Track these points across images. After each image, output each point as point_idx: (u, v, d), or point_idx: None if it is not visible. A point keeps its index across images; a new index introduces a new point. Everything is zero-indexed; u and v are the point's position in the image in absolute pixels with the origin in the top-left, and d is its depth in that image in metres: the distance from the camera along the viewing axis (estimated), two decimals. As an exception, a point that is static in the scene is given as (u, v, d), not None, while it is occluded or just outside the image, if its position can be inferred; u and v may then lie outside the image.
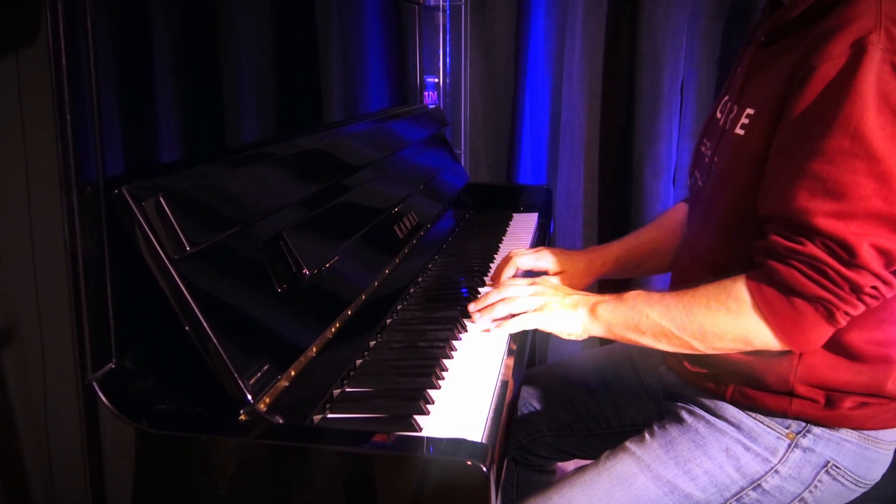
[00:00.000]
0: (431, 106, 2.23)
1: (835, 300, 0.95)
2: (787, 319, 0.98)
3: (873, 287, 0.95)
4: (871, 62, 0.91)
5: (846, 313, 0.96)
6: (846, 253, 0.93)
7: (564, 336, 1.12)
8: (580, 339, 1.12)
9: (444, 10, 2.41)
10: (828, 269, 0.94)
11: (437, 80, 2.43)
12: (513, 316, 1.14)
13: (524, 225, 1.89)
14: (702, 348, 1.04)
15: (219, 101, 1.12)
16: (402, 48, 2.02)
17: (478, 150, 2.55)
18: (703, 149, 1.21)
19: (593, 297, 1.12)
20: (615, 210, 2.48)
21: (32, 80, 0.77)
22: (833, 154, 0.92)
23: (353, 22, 1.64)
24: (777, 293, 0.97)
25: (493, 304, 1.16)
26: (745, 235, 1.04)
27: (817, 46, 0.96)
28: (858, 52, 0.92)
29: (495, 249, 1.65)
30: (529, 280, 1.19)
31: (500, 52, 2.46)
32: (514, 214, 1.99)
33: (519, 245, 1.70)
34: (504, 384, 1.01)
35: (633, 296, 1.08)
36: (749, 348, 1.02)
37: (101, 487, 0.86)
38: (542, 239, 1.79)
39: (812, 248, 0.94)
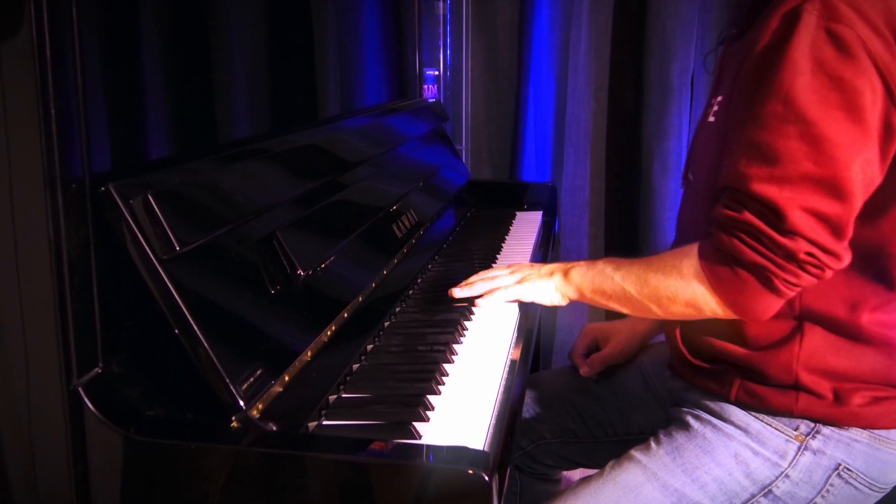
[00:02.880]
0: (431, 100, 2.23)
1: (772, 267, 0.99)
2: (728, 286, 1.02)
3: (809, 254, 0.97)
4: (804, 29, 0.96)
5: (787, 282, 0.99)
6: (777, 218, 0.97)
7: (546, 304, 1.22)
8: (561, 304, 1.21)
9: (444, 0, 2.41)
10: (762, 235, 0.98)
11: (437, 72, 2.43)
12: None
13: (528, 224, 1.89)
14: (659, 312, 1.11)
15: (210, 94, 1.12)
16: (400, 39, 2.02)
17: (479, 146, 2.55)
18: (694, 148, 1.24)
19: (568, 264, 1.22)
20: (623, 208, 2.48)
21: (15, 73, 0.77)
22: (767, 119, 0.97)
23: (350, 12, 1.64)
24: (721, 261, 1.03)
25: (472, 283, 1.27)
26: None
27: (760, 23, 1.02)
28: (792, 20, 0.97)
29: (498, 249, 1.65)
30: (508, 265, 1.31)
31: (503, 43, 2.46)
32: (517, 213, 1.99)
33: (522, 244, 1.70)
34: (507, 390, 1.02)
35: (603, 261, 1.17)
36: (700, 315, 1.08)
37: (88, 497, 0.85)
38: (547, 238, 1.79)
39: (748, 216, 0.99)
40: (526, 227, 1.86)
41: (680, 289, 1.06)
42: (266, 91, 1.28)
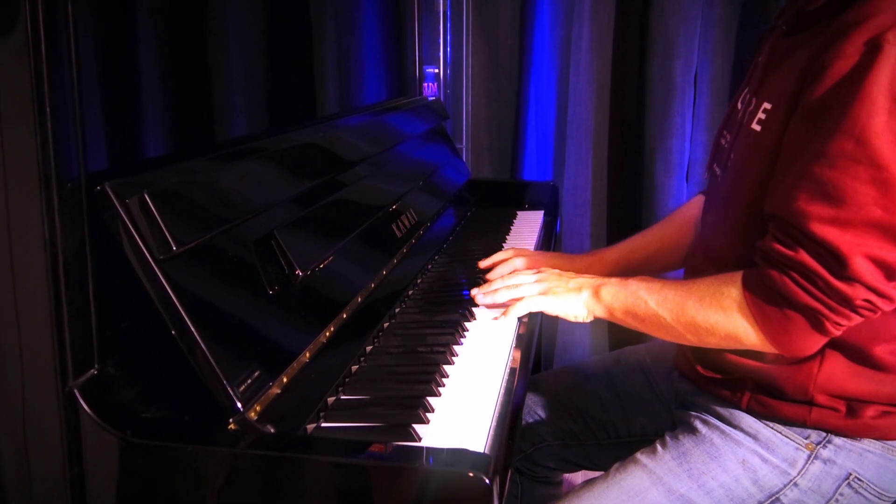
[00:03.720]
0: (431, 98, 2.23)
1: (825, 310, 0.96)
2: (776, 325, 0.99)
3: (866, 300, 0.95)
4: (885, 62, 0.90)
5: (838, 324, 0.97)
6: (838, 263, 0.94)
7: (571, 319, 1.18)
8: (586, 321, 1.18)
9: (444, -3, 2.41)
10: (818, 279, 0.95)
11: (437, 70, 2.43)
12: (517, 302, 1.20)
13: (529, 223, 1.89)
14: (694, 341, 1.08)
15: (207, 92, 1.12)
16: (400, 36, 2.02)
17: (480, 145, 2.55)
18: (722, 142, 1.22)
19: (598, 280, 1.17)
20: (625, 208, 2.48)
21: (10, 69, 0.77)
22: (835, 157, 0.93)
23: (349, 8, 1.64)
24: (769, 299, 0.99)
25: (496, 290, 1.22)
26: (759, 235, 1.05)
27: (833, 42, 0.95)
28: (873, 50, 0.91)
29: (498, 249, 1.64)
30: (534, 270, 1.25)
31: (504, 41, 2.46)
32: (518, 212, 1.99)
33: (523, 244, 1.70)
34: (508, 391, 1.01)
35: (637, 281, 1.13)
36: (739, 347, 1.05)
37: (83, 500, 0.85)
38: (549, 238, 1.79)
39: (804, 256, 0.95)
40: (527, 227, 1.86)
41: (721, 321, 1.03)
42: (264, 89, 1.28)
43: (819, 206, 0.94)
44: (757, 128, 1.07)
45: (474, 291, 1.25)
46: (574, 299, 1.16)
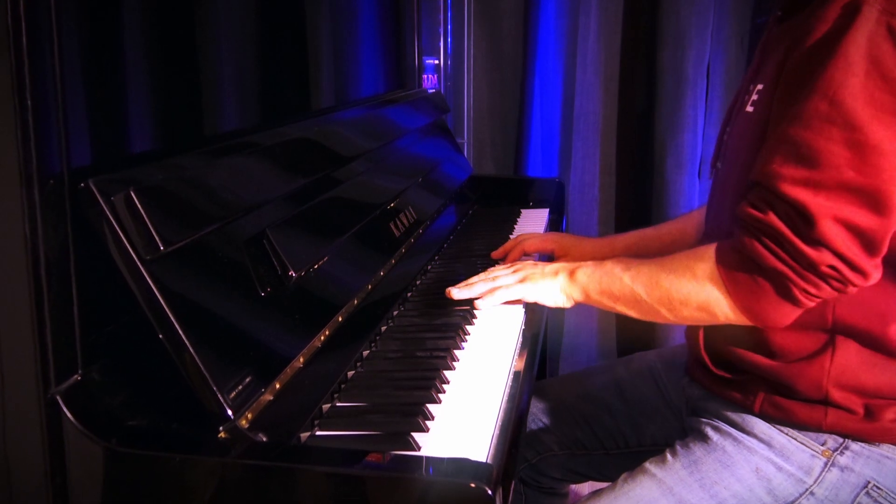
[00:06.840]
0: (431, 90, 2.23)
1: (791, 275, 0.98)
2: (745, 291, 1.02)
3: (832, 267, 0.96)
4: (863, 23, 0.93)
5: (807, 292, 0.98)
6: (805, 224, 0.96)
7: (549, 304, 1.21)
8: (566, 306, 1.21)
9: (445, -15, 2.41)
10: (784, 241, 0.97)
11: (437, 61, 2.43)
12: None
13: (533, 222, 1.89)
14: (669, 317, 1.10)
15: (196, 85, 1.12)
16: (398, 25, 2.02)
17: (482, 140, 2.55)
18: (725, 137, 1.23)
19: (574, 263, 1.21)
20: (634, 205, 2.48)
21: (-10, 61, 0.77)
22: (809, 118, 0.95)
23: (345, -2, 1.64)
24: (740, 263, 1.02)
25: (472, 284, 1.26)
26: None
27: (815, 10, 0.99)
28: (852, 12, 0.94)
29: (502, 249, 1.65)
30: (511, 264, 1.31)
31: (508, 30, 2.46)
32: (522, 210, 1.99)
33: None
34: (512, 398, 1.02)
35: (612, 261, 1.16)
36: (712, 320, 1.07)
37: (66, 512, 0.86)
38: (554, 237, 1.79)
39: (773, 218, 0.98)
40: (531, 226, 1.86)
41: (693, 291, 1.05)
42: (256, 81, 1.28)
43: (792, 167, 0.96)
44: (750, 109, 1.11)
45: (450, 288, 1.26)
46: (550, 284, 1.20)
